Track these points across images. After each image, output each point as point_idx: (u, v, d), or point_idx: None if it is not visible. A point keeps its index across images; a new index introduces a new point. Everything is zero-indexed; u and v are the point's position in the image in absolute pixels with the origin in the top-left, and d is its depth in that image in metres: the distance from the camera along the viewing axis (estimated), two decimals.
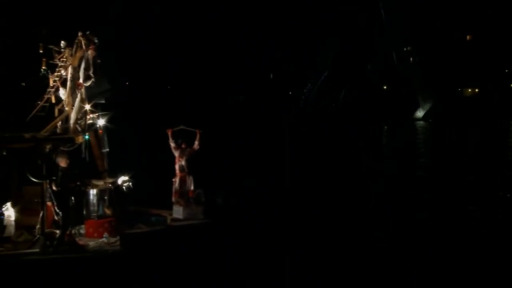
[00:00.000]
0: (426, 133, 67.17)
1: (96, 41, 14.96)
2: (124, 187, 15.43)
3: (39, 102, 15.17)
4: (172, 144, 15.73)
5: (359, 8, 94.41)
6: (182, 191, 15.51)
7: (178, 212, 15.24)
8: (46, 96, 15.23)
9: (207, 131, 16.96)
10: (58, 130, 15.04)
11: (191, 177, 15.71)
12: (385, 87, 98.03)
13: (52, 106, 15.41)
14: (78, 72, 14.91)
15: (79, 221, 15.32)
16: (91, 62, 14.53)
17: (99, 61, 14.91)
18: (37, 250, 13.99)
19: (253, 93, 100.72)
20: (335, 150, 44.86)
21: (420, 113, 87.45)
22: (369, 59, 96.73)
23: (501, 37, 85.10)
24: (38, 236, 14.36)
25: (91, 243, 14.50)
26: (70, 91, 14.90)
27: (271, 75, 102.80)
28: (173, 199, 15.70)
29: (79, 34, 14.82)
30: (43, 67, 15.01)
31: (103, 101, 19.65)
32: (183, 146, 15.78)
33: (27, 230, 15.24)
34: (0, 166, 14.82)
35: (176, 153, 15.74)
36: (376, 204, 24.47)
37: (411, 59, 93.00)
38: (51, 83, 15.12)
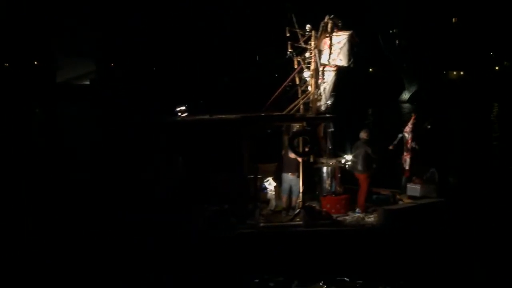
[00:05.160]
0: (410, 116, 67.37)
1: (340, 24, 15.53)
2: (347, 166, 16.07)
3: (290, 83, 15.67)
4: (411, 126, 16.31)
5: None
6: (416, 170, 16.19)
7: (415, 190, 15.90)
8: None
9: None
10: (300, 110, 15.58)
11: (420, 156, 16.44)
12: (370, 70, 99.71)
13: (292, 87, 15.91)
14: (322, 54, 15.49)
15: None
16: (351, 43, 15.20)
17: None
18: (300, 222, 14.58)
19: (238, 75, 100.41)
20: None
21: (405, 96, 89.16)
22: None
23: (487, 19, 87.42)
24: (299, 209, 14.93)
25: (348, 218, 15.17)
26: (314, 72, 15.44)
27: (257, 57, 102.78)
28: (405, 178, 16.37)
29: (326, 17, 15.34)
30: (290, 50, 15.47)
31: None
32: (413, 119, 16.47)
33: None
34: (234, 147, 15.35)
35: (409, 134, 16.41)
36: None
37: (397, 42, 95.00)
38: (296, 65, 15.60)
